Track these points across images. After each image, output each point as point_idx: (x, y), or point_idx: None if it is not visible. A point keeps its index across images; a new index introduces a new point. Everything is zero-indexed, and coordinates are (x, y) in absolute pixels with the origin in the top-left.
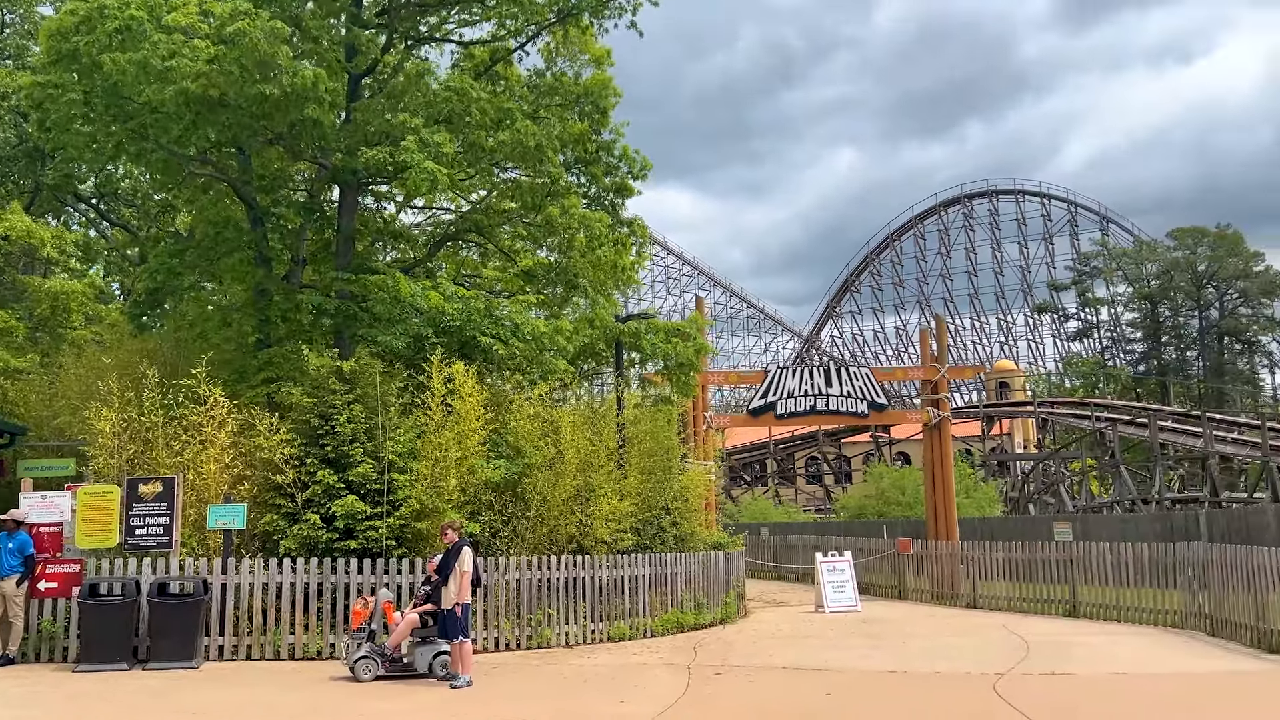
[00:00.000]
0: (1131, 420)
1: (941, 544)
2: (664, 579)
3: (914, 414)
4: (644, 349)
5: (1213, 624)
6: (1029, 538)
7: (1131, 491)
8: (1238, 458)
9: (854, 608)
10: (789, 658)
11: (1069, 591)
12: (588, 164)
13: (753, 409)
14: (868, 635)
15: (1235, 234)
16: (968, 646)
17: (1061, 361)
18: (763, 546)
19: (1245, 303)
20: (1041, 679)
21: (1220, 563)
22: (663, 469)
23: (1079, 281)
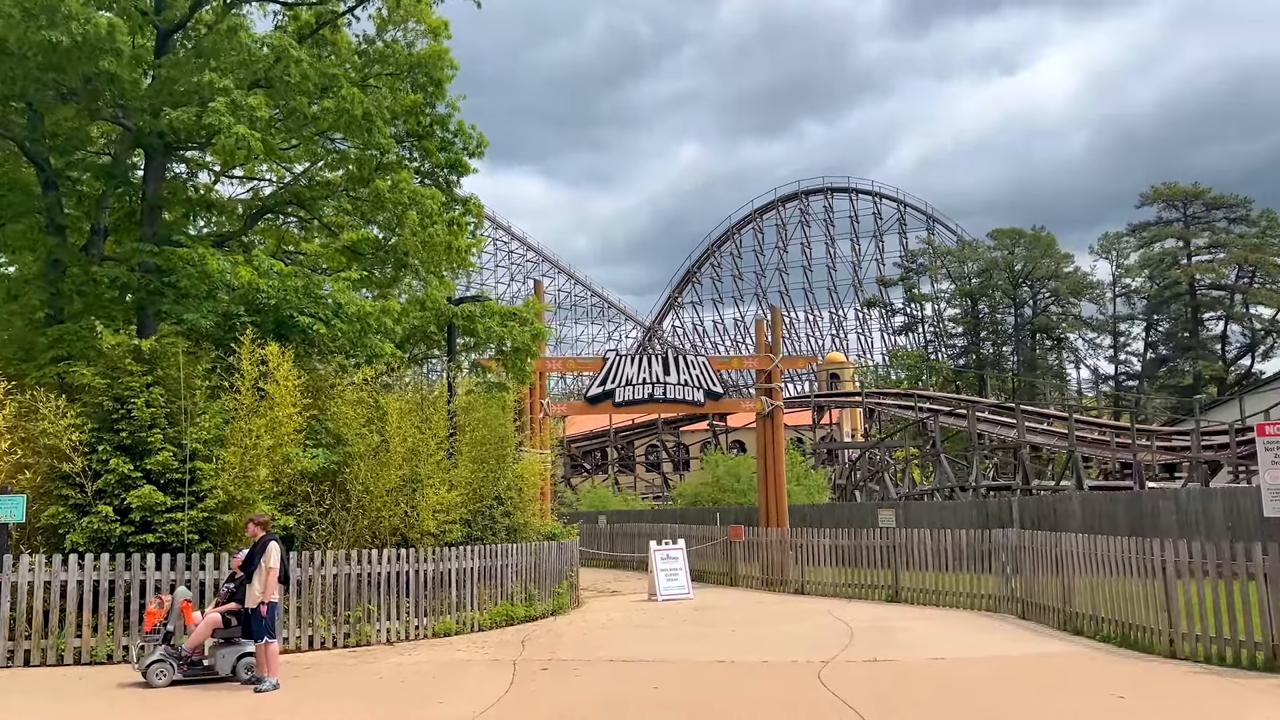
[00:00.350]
0: (951, 411)
1: (772, 531)
2: (494, 571)
3: (748, 403)
4: (478, 333)
5: (1024, 607)
6: (855, 524)
7: (951, 479)
8: (1047, 447)
9: (686, 595)
10: (619, 649)
11: (892, 577)
12: (421, 138)
13: (591, 396)
14: (698, 624)
15: (1049, 236)
16: (795, 634)
17: (888, 354)
18: (600, 535)
19: (1056, 301)
20: (864, 666)
21: (1031, 549)
22: (496, 458)
23: (906, 278)
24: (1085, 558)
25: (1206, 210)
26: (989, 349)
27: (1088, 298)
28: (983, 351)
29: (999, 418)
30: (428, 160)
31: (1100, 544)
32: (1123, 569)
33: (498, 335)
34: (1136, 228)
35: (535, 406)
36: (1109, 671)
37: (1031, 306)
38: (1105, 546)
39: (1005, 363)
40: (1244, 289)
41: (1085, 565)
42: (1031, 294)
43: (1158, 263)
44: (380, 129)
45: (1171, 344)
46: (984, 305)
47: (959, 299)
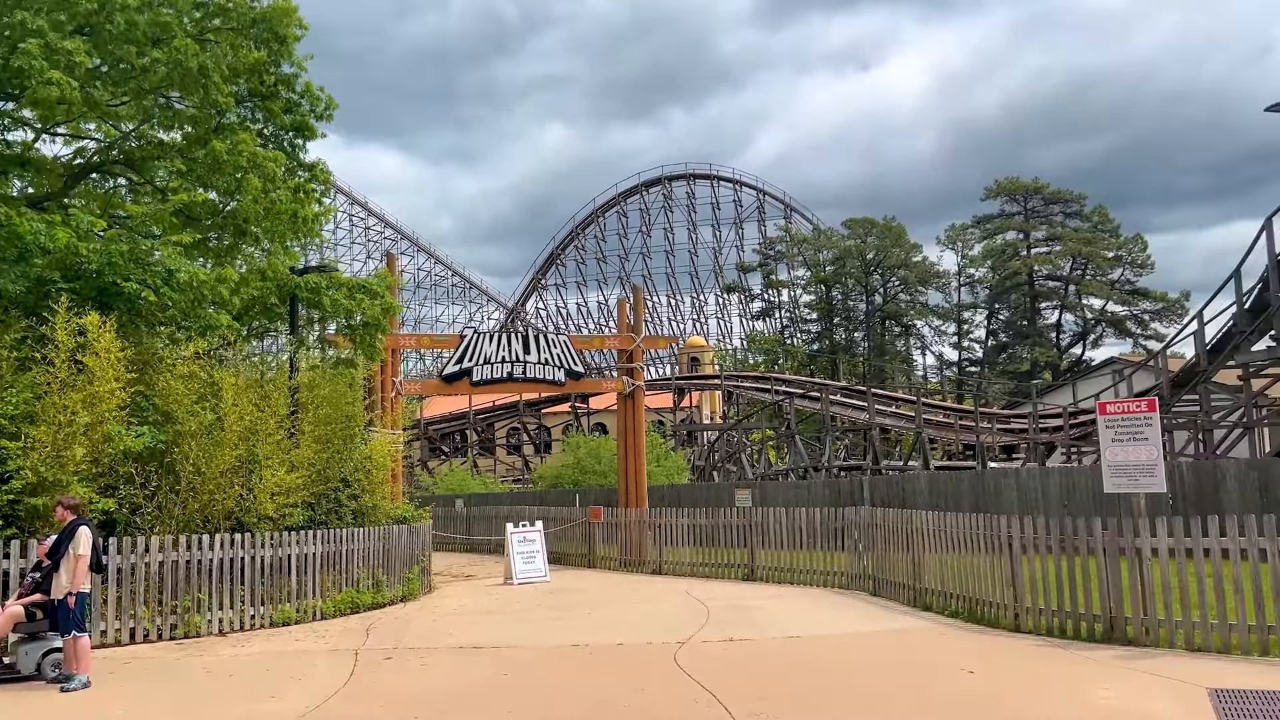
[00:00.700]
0: (805, 394)
1: (631, 512)
2: (339, 557)
3: (609, 383)
4: (324, 306)
5: (875, 584)
6: (713, 504)
7: (804, 459)
8: (895, 429)
9: (543, 578)
10: (469, 636)
11: (748, 556)
12: (265, 99)
13: (446, 375)
14: (554, 607)
15: (899, 226)
16: (652, 615)
17: (746, 338)
18: (457, 519)
19: (905, 289)
20: (721, 646)
21: (883, 527)
22: (343, 438)
23: (764, 264)
24: (935, 535)
25: (1045, 205)
26: (842, 334)
27: (934, 286)
28: (836, 337)
29: (851, 400)
30: (272, 123)
31: (949, 521)
32: (970, 545)
33: (345, 308)
34: (980, 220)
35: (387, 385)
36: (958, 647)
37: (882, 294)
38: (954, 523)
39: (857, 348)
40: (1077, 280)
41: (935, 542)
42: (882, 282)
43: (999, 254)
44: (218, 86)
45: (1011, 332)
46: (838, 292)
47: (814, 285)
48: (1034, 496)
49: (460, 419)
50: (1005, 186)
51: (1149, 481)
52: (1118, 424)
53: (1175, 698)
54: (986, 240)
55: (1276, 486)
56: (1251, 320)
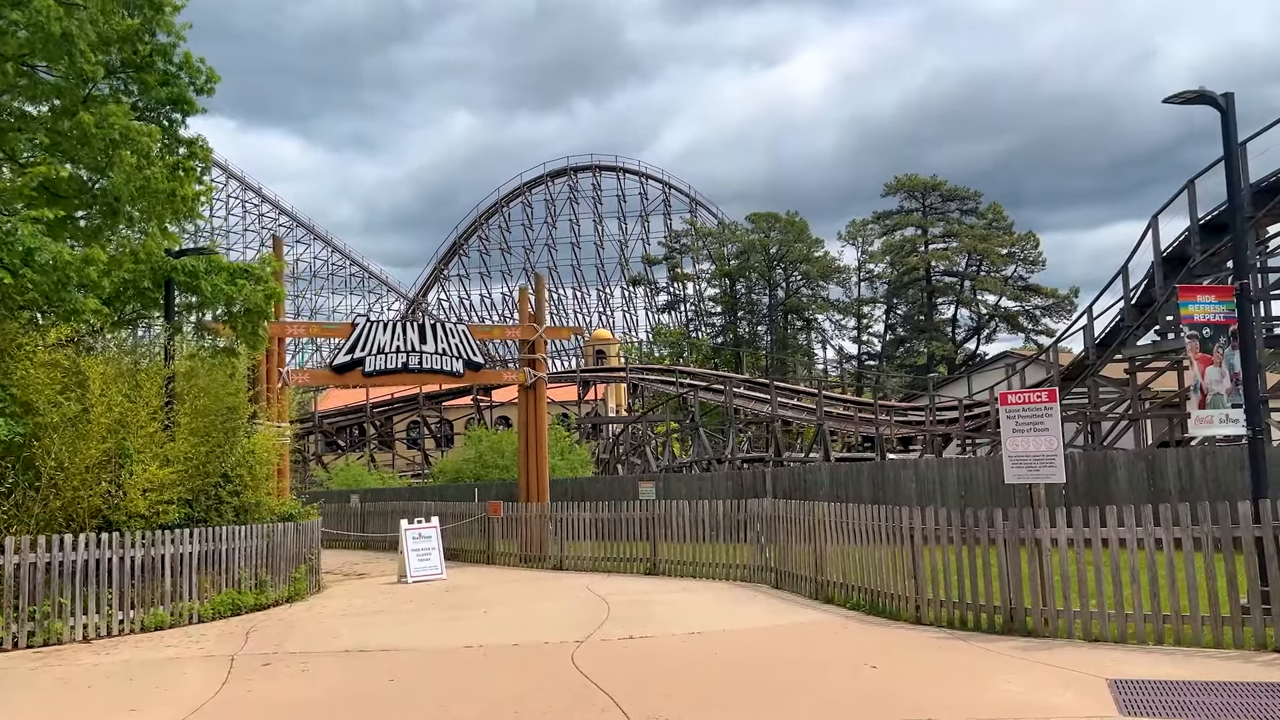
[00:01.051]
0: (709, 387)
1: (531, 506)
2: (218, 556)
3: (511, 374)
4: (203, 291)
5: (778, 577)
6: (616, 497)
7: (708, 451)
8: (797, 421)
9: (439, 576)
10: (357, 638)
11: (651, 550)
12: (139, 69)
13: (337, 365)
14: (449, 606)
15: (802, 221)
16: (550, 612)
17: (652, 332)
18: (351, 515)
19: (807, 284)
20: (621, 644)
21: (785, 518)
22: (224, 431)
23: (670, 257)
24: (837, 527)
25: (943, 201)
26: (746, 328)
27: (835, 281)
28: (740, 330)
29: (754, 393)
30: (147, 95)
31: (851, 512)
32: (872, 537)
33: (225, 294)
34: (880, 215)
35: (273, 376)
36: (860, 640)
37: (785, 288)
38: (856, 515)
39: (760, 341)
40: (973, 276)
41: (837, 534)
42: (785, 276)
43: (898, 249)
44: (85, 54)
45: (909, 326)
46: (742, 285)
47: (719, 279)
48: (933, 487)
49: (358, 412)
50: (904, 183)
51: (1049, 472)
52: (1018, 415)
53: (1076, 689)
54: (886, 236)
55: (1163, 476)
56: (1138, 315)
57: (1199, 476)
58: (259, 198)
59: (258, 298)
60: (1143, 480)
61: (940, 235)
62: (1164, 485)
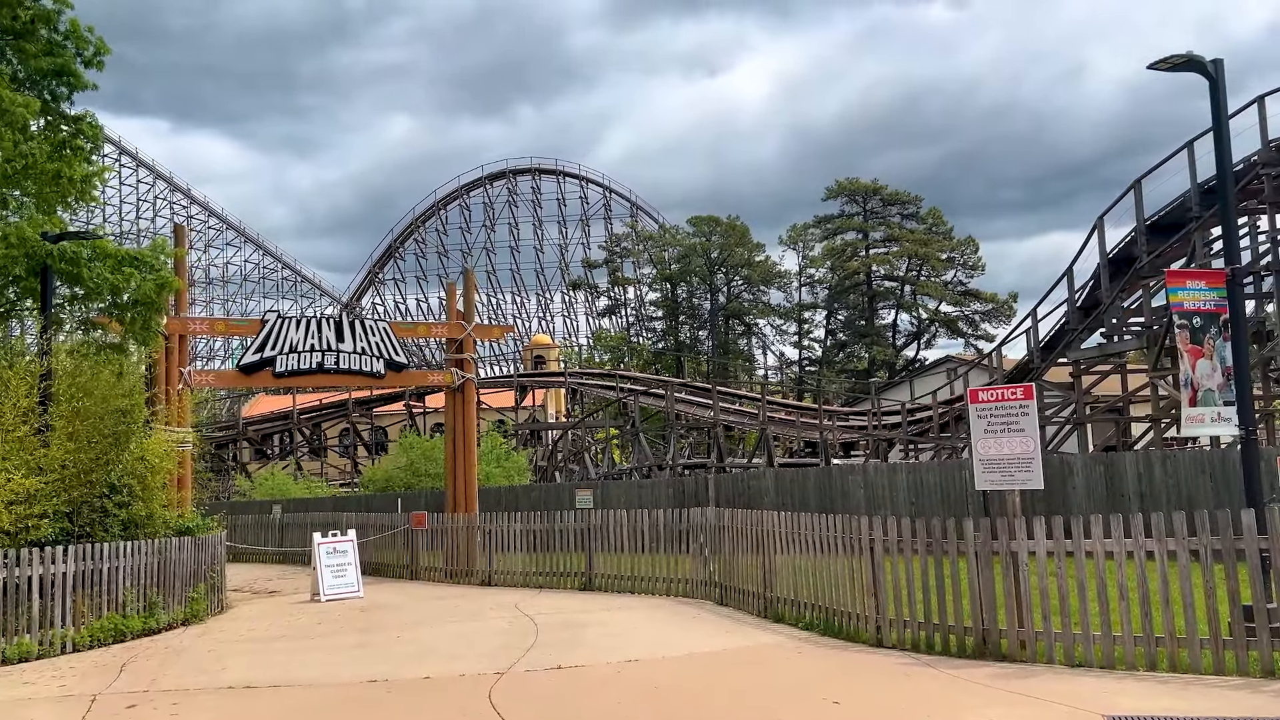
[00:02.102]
0: (650, 391)
1: (459, 516)
2: (98, 576)
3: (436, 375)
4: (85, 280)
5: (723, 592)
6: (552, 506)
7: (649, 458)
8: (739, 426)
9: (355, 594)
10: (247, 671)
11: (586, 563)
12: (18, 35)
13: (245, 364)
14: (361, 630)
15: (743, 225)
16: (473, 636)
17: (593, 336)
18: (270, 527)
19: (748, 288)
20: (547, 676)
21: (730, 529)
22: (109, 436)
23: (610, 261)
24: (788, 538)
25: (884, 206)
26: (687, 333)
27: (776, 286)
28: (681, 335)
29: (695, 398)
30: (27, 65)
31: (804, 522)
32: (827, 549)
33: (110, 283)
34: (821, 220)
35: (173, 376)
36: (817, 667)
37: (726, 293)
38: (809, 525)
39: (701, 346)
40: (913, 281)
41: (788, 546)
42: (726, 280)
43: (839, 253)
44: None
45: (850, 331)
46: (683, 290)
47: (659, 283)
48: (882, 494)
49: (284, 418)
50: (845, 187)
51: (1025, 477)
52: (991, 414)
53: None
54: (827, 240)
55: (1122, 480)
56: (1083, 318)
57: (1159, 481)
58: (187, 199)
59: (148, 288)
60: (1101, 485)
61: (881, 240)
62: (1123, 490)
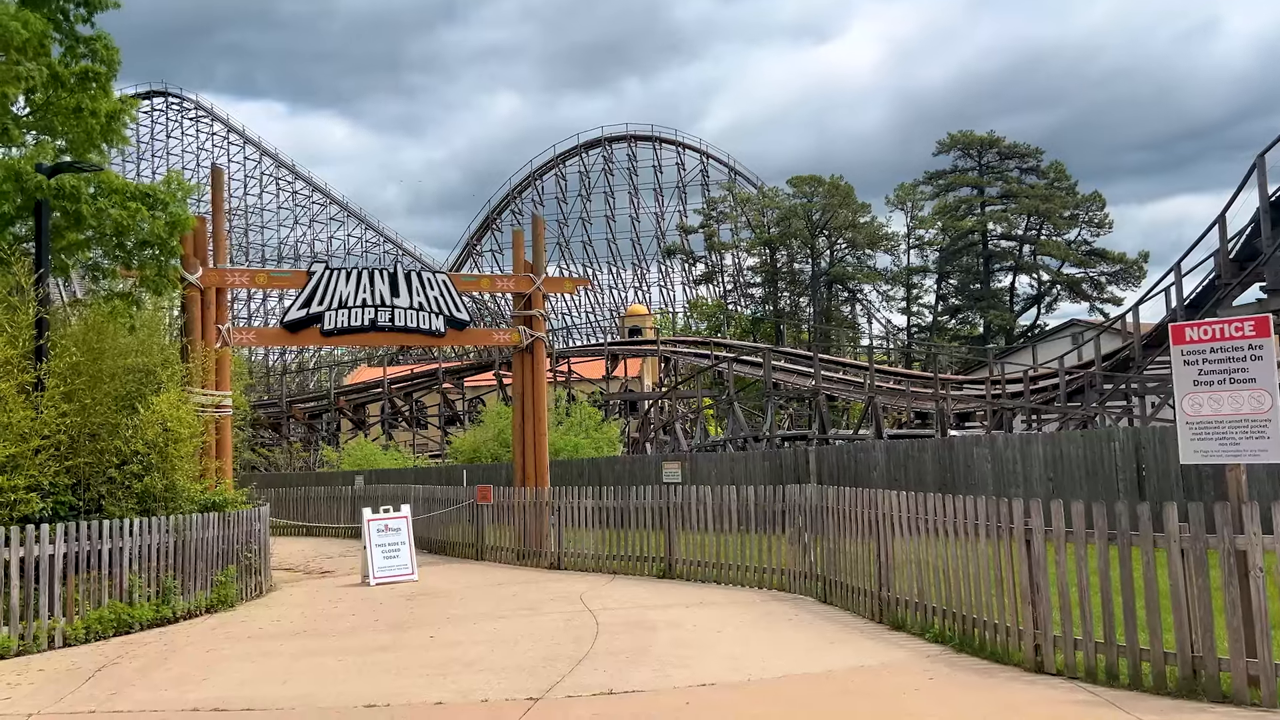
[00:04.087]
0: (746, 359)
1: (525, 491)
2: (97, 558)
3: (502, 334)
4: (86, 217)
5: (826, 588)
6: (639, 480)
7: (744, 429)
8: (843, 396)
9: (409, 576)
10: (231, 684)
11: (665, 547)
12: None
13: (290, 321)
14: (395, 625)
15: (847, 186)
16: (518, 639)
17: (689, 305)
18: (344, 499)
19: (852, 252)
20: (590, 707)
21: (837, 511)
22: (122, 398)
23: (706, 225)
24: (911, 523)
25: (1000, 160)
26: (787, 300)
27: (883, 249)
28: (780, 302)
29: (795, 366)
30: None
31: (934, 504)
32: (964, 538)
33: (114, 221)
34: (932, 176)
35: (209, 332)
36: (961, 706)
37: (828, 257)
38: (940, 507)
39: (801, 313)
40: (1033, 240)
41: (911, 533)
42: (829, 244)
43: (952, 211)
44: None
45: (963, 295)
46: (782, 255)
47: (758, 248)
48: (1013, 469)
49: (376, 388)
50: (959, 140)
51: (1257, 447)
52: (1204, 359)
53: None
54: (939, 197)
55: None
56: (1237, 271)
57: None
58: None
59: (157, 227)
60: None
61: (998, 196)
62: None
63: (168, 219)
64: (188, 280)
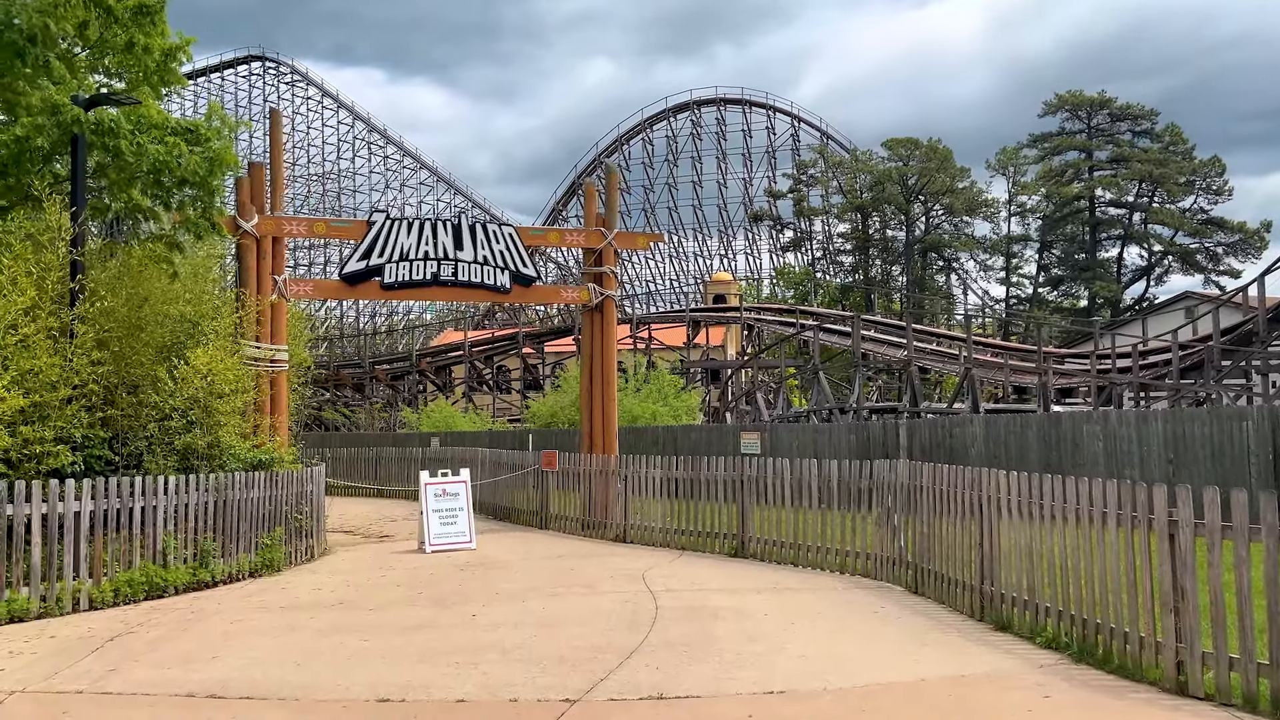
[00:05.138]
0: (831, 327)
1: (593, 459)
2: (127, 517)
3: (571, 291)
4: (125, 152)
5: (917, 577)
6: (715, 451)
7: (830, 400)
8: (936, 369)
9: (465, 544)
10: (239, 664)
11: (739, 523)
12: None
13: (348, 273)
14: (439, 600)
15: (945, 149)
16: (566, 623)
17: (775, 273)
18: (413, 460)
19: (949, 219)
20: (635, 712)
21: (931, 490)
22: (167, 349)
23: (795, 189)
24: (1024, 508)
25: (1111, 122)
26: (878, 268)
27: (981, 215)
28: (871, 270)
29: (885, 336)
30: None
31: (1052, 487)
32: (1085, 525)
33: (152, 159)
34: (1037, 139)
35: (264, 283)
36: None
37: (923, 224)
38: (1057, 490)
39: (894, 282)
40: (1144, 207)
41: (1021, 519)
42: (924, 210)
43: (1057, 176)
44: None
45: (1067, 265)
46: (875, 221)
47: (849, 214)
48: (1127, 448)
49: (457, 350)
50: (1067, 101)
51: None
52: None
53: None
54: (1043, 161)
55: None
56: None
57: None
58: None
59: (196, 164)
60: None
61: (1107, 161)
62: None
63: (207, 156)
64: (242, 228)
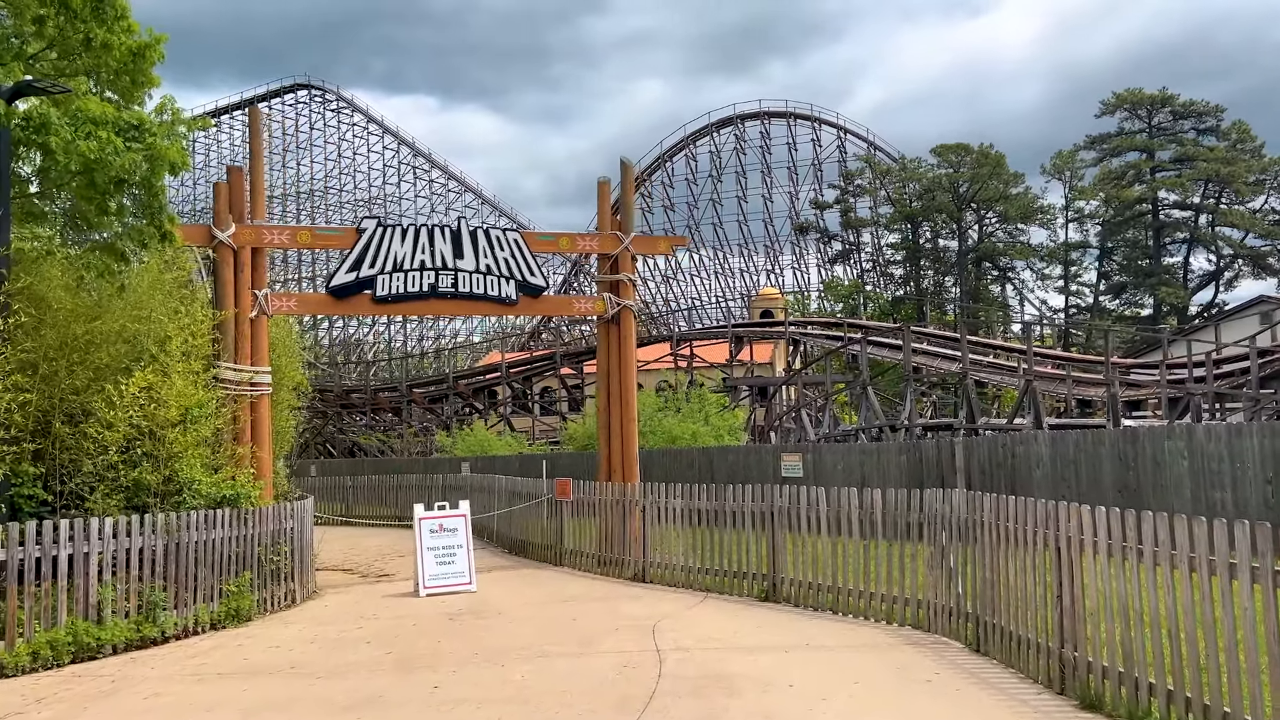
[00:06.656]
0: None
1: (609, 487)
2: (51, 567)
3: (584, 301)
4: (56, 151)
5: (980, 632)
6: (753, 474)
7: (879, 416)
8: (993, 383)
9: (464, 586)
10: None
11: (769, 561)
12: None
13: (336, 286)
14: (404, 663)
15: (998, 154)
16: (545, 696)
17: (823, 286)
18: (436, 489)
19: (1003, 226)
20: None
21: (996, 526)
22: (109, 372)
23: (842, 200)
24: (1115, 551)
25: (1173, 120)
26: (930, 279)
27: (1037, 223)
28: (923, 282)
29: (938, 349)
30: None
31: (1154, 529)
32: (1214, 575)
33: (81, 153)
34: (1094, 140)
35: (243, 299)
36: None
37: (977, 232)
38: (1167, 534)
39: (946, 293)
40: (1210, 209)
41: (1114, 565)
42: (977, 218)
43: (1117, 179)
44: None
45: (1129, 271)
46: (926, 230)
47: (899, 223)
48: (1218, 467)
49: (494, 372)
50: (1126, 99)
51: None
52: None
53: None
54: (1101, 163)
55: None
56: None
57: None
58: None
59: (129, 163)
60: None
61: (1170, 161)
62: None
63: (147, 153)
64: (218, 238)
